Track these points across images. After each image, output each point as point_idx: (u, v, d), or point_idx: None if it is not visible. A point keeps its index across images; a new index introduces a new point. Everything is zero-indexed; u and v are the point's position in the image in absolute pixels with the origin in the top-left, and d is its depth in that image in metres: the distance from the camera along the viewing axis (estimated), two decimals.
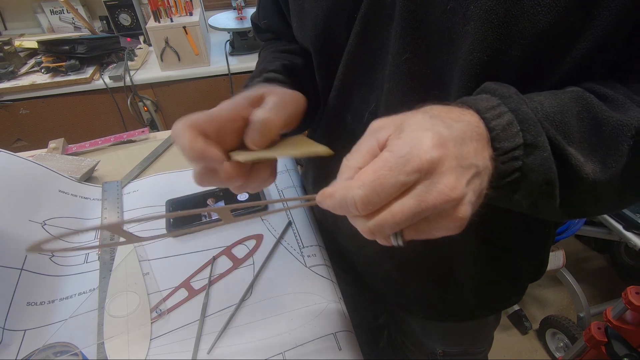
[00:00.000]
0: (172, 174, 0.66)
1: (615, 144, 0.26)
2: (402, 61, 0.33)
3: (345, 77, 0.39)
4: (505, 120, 0.24)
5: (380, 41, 0.34)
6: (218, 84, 1.48)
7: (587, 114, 0.27)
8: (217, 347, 0.42)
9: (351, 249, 0.54)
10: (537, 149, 0.25)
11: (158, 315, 0.45)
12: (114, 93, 1.41)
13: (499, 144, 0.24)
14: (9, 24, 1.70)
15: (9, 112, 1.40)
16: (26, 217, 0.52)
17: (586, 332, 0.99)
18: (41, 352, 0.40)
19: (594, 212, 0.33)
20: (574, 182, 0.26)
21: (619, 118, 0.26)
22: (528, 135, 0.24)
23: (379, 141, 0.24)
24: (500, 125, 0.24)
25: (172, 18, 1.38)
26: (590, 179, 0.26)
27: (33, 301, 0.46)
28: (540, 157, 0.25)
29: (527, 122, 0.24)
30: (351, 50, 0.36)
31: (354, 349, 0.42)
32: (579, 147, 0.26)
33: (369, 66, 0.36)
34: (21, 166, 0.56)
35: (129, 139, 0.75)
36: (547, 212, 0.28)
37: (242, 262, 0.51)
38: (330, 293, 0.47)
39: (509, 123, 0.24)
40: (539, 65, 0.28)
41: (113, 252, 0.52)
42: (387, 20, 0.32)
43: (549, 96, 0.27)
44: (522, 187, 0.26)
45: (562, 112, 0.26)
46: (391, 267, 0.49)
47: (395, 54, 0.33)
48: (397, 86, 0.34)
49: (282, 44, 0.51)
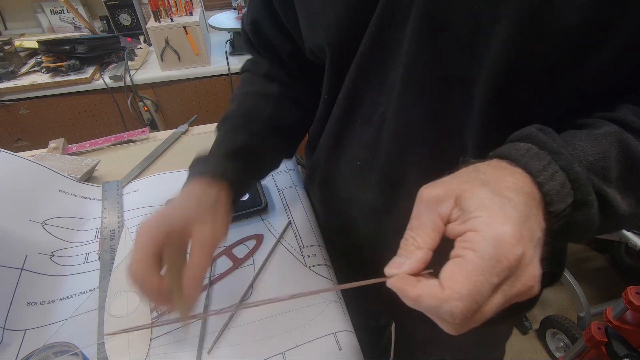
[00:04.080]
0: (172, 173, 0.66)
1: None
2: (417, 62, 0.32)
3: (356, 79, 0.38)
4: (558, 182, 0.24)
5: (394, 42, 0.33)
6: (218, 83, 1.48)
7: (626, 155, 0.27)
8: (218, 347, 0.42)
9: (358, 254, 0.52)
10: (586, 206, 0.25)
11: (158, 315, 0.45)
12: (114, 93, 1.41)
13: (553, 207, 0.24)
14: (9, 24, 1.70)
15: (9, 112, 1.40)
16: (26, 216, 0.52)
17: (586, 332, 0.99)
18: (41, 352, 0.40)
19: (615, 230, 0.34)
20: (610, 217, 0.27)
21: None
22: (578, 194, 0.25)
23: (442, 216, 0.24)
24: (554, 188, 0.24)
25: (172, 18, 1.38)
26: (626, 215, 0.27)
27: (33, 301, 0.46)
28: (588, 213, 0.25)
29: (578, 182, 0.25)
30: (364, 51, 0.35)
31: (354, 349, 0.42)
32: (616, 187, 0.27)
33: (381, 67, 0.36)
34: (21, 166, 0.56)
35: (129, 138, 0.75)
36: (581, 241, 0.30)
37: (242, 262, 0.51)
38: (331, 293, 0.47)
39: (562, 185, 0.25)
40: (566, 65, 0.28)
41: (113, 252, 0.52)
42: (402, 20, 0.32)
43: (591, 141, 0.27)
44: (564, 236, 0.26)
45: (604, 159, 0.26)
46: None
47: (410, 55, 0.32)
48: (410, 88, 0.34)
49: (258, 82, 0.51)
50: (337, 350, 0.41)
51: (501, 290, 0.22)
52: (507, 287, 0.22)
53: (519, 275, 0.22)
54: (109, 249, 0.53)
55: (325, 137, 0.46)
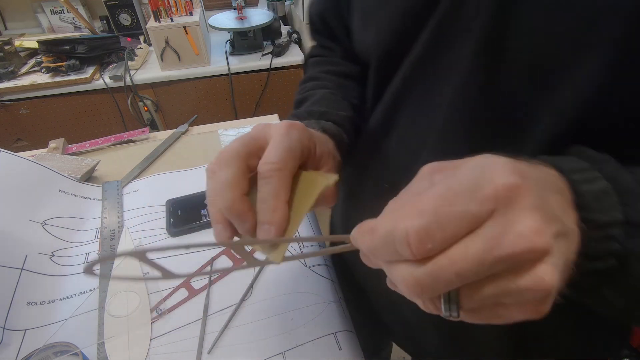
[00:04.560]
0: (172, 173, 0.66)
1: None
2: (471, 85, 0.27)
3: (399, 91, 0.33)
4: (598, 187, 0.19)
5: (451, 57, 0.28)
6: (218, 83, 1.48)
7: None
8: (217, 347, 0.42)
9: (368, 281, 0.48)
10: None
11: (158, 315, 0.45)
12: (114, 93, 1.41)
13: (590, 214, 0.18)
14: (9, 24, 1.70)
15: (9, 112, 1.40)
16: (26, 216, 0.52)
17: None
18: (41, 351, 0.40)
19: None
20: None
21: None
22: (632, 212, 0.18)
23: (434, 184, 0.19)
24: (592, 192, 0.19)
25: (172, 18, 1.38)
26: None
27: (33, 301, 0.46)
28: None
29: (629, 194, 0.19)
30: (413, 61, 0.30)
31: (354, 349, 0.42)
32: None
33: (429, 83, 0.31)
34: (21, 166, 0.56)
35: (129, 138, 0.75)
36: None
37: (243, 262, 0.51)
38: (330, 293, 0.47)
39: (604, 192, 0.19)
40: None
41: (113, 252, 0.52)
42: (463, 33, 0.26)
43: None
44: (616, 279, 0.19)
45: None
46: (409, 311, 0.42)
47: (465, 75, 0.27)
48: (459, 114, 0.29)
49: (337, 62, 0.45)
50: (337, 350, 0.41)
51: (483, 234, 0.16)
52: (491, 230, 0.16)
53: (512, 220, 0.16)
54: (109, 249, 0.53)
55: (355, 152, 0.40)
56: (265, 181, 0.25)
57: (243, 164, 0.26)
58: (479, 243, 0.16)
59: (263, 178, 0.25)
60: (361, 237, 0.19)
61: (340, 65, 0.44)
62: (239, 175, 0.25)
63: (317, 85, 0.41)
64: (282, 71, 1.51)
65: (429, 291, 0.17)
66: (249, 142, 0.26)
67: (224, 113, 1.54)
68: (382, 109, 0.36)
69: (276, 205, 0.24)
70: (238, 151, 0.26)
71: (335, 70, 0.44)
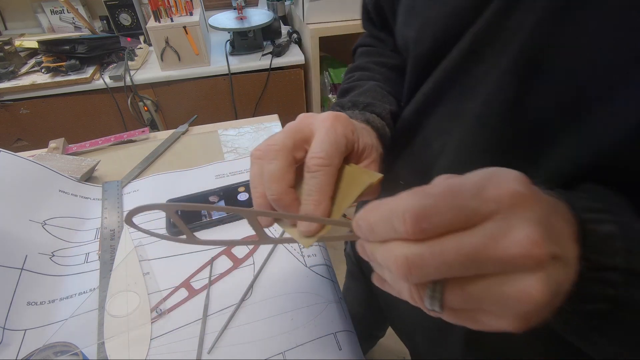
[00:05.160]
0: (172, 173, 0.66)
1: None
2: (501, 98, 0.26)
3: (432, 96, 0.33)
4: (606, 229, 0.18)
5: (485, 69, 0.28)
6: (218, 83, 1.48)
7: None
8: (217, 347, 0.42)
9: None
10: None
11: (158, 315, 0.45)
12: (114, 93, 1.41)
13: (593, 255, 0.18)
14: (9, 24, 1.70)
15: (10, 112, 1.40)
16: (26, 216, 0.52)
17: None
18: (41, 351, 0.40)
19: None
20: None
21: None
22: (633, 259, 0.18)
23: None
24: (600, 234, 0.18)
25: (172, 18, 1.38)
26: None
27: (33, 301, 0.46)
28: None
29: (634, 241, 0.18)
30: (448, 66, 0.30)
31: (354, 349, 0.42)
32: None
33: (459, 91, 0.30)
34: (21, 166, 0.56)
35: (129, 138, 0.75)
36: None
37: (242, 262, 0.51)
38: (331, 293, 0.47)
39: (611, 235, 0.18)
40: None
41: (113, 252, 0.52)
42: (503, 44, 0.26)
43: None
44: (607, 326, 0.19)
45: None
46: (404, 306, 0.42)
47: (496, 86, 0.27)
48: (483, 124, 0.28)
49: (388, 54, 0.45)
50: (337, 350, 0.41)
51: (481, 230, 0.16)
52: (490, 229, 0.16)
53: (512, 225, 0.16)
54: (109, 249, 0.53)
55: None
56: (311, 175, 0.25)
57: (290, 156, 0.26)
58: (474, 238, 0.16)
59: (310, 172, 0.25)
60: (365, 213, 0.20)
61: (390, 57, 0.44)
62: (286, 167, 0.26)
63: (364, 76, 0.41)
64: (282, 71, 1.51)
65: (417, 273, 0.17)
66: (295, 134, 0.27)
67: (224, 113, 1.54)
68: (413, 108, 0.36)
69: (320, 200, 0.25)
70: (285, 143, 0.26)
71: (385, 62, 0.43)
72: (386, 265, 0.19)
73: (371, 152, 0.30)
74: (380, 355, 1.26)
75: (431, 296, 0.18)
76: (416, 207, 0.17)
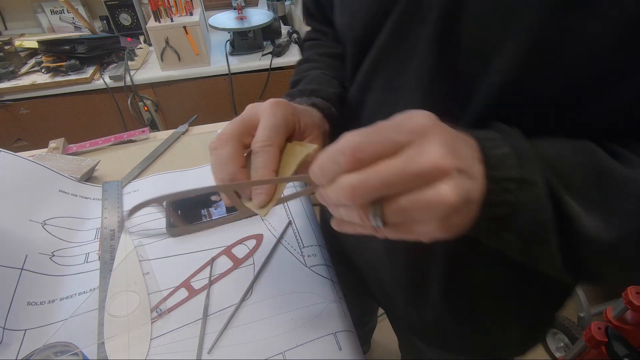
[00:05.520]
0: (172, 173, 0.66)
1: (620, 202, 0.24)
2: (425, 69, 0.31)
3: (369, 74, 0.37)
4: (501, 151, 0.24)
5: (410, 44, 0.32)
6: (218, 83, 1.48)
7: (591, 165, 0.25)
8: (217, 347, 0.42)
9: (354, 251, 0.54)
10: (532, 185, 0.23)
11: (158, 315, 0.45)
12: (114, 93, 1.41)
13: (493, 171, 0.23)
14: (9, 24, 1.70)
15: (10, 112, 1.40)
16: (26, 216, 0.52)
17: (586, 332, 0.99)
18: (41, 351, 0.40)
19: (609, 279, 0.28)
20: (573, 235, 0.24)
21: (625, 173, 0.24)
22: (524, 171, 0.23)
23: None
24: (497, 155, 0.24)
25: (172, 18, 1.38)
26: (590, 235, 0.24)
27: (33, 301, 0.46)
28: (534, 194, 0.23)
29: (524, 158, 0.24)
30: (379, 47, 0.35)
31: (354, 349, 0.42)
32: (578, 199, 0.24)
33: (393, 68, 0.35)
34: (21, 166, 0.56)
35: (129, 138, 0.75)
36: (546, 263, 0.26)
37: (242, 262, 0.51)
38: (331, 293, 0.47)
39: (506, 155, 0.24)
40: (570, 99, 0.26)
41: (113, 252, 0.52)
42: (421, 23, 0.30)
43: (551, 142, 0.26)
44: (512, 225, 0.24)
45: (562, 160, 0.25)
46: (384, 273, 0.48)
47: (422, 59, 0.31)
48: (417, 94, 0.33)
49: (329, 44, 0.49)
50: (337, 350, 0.41)
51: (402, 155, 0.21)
52: (408, 153, 0.21)
53: (424, 147, 0.21)
54: (109, 249, 0.53)
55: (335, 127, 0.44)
56: (256, 155, 0.30)
57: (238, 142, 0.31)
58: (398, 161, 0.21)
59: (255, 153, 0.30)
60: (316, 160, 0.24)
61: (333, 47, 0.49)
62: (236, 152, 0.31)
63: (311, 67, 0.46)
64: (282, 71, 1.51)
65: (361, 194, 0.22)
66: (242, 124, 0.31)
67: (224, 113, 1.54)
68: (356, 89, 0.40)
69: (265, 173, 0.30)
70: (233, 132, 0.31)
71: (328, 52, 0.48)
72: (337, 197, 0.23)
73: (313, 129, 0.35)
74: (380, 356, 1.26)
75: (374, 215, 0.23)
76: (352, 142, 0.22)
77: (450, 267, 0.39)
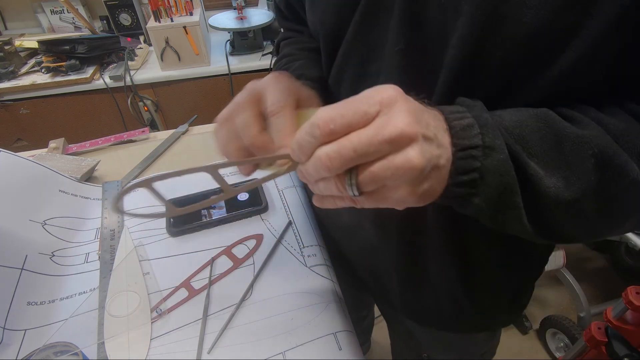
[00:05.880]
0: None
1: (577, 161, 0.26)
2: (396, 53, 0.33)
3: (341, 65, 0.39)
4: (465, 122, 0.26)
5: (378, 33, 0.34)
6: (218, 83, 1.48)
7: (548, 129, 0.27)
8: (218, 347, 0.42)
9: (344, 245, 0.54)
10: (495, 151, 0.25)
11: (158, 315, 0.45)
12: (114, 93, 1.41)
13: (458, 140, 0.25)
14: (9, 24, 1.70)
15: (10, 112, 1.40)
16: (26, 216, 0.52)
17: (586, 332, 0.99)
18: (41, 351, 0.40)
19: (577, 236, 0.31)
20: (536, 196, 0.26)
21: (579, 134, 0.26)
22: (486, 138, 0.25)
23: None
24: (461, 125, 0.26)
25: (172, 18, 1.38)
26: (552, 194, 0.26)
27: (33, 301, 0.46)
28: (497, 159, 0.25)
29: (486, 127, 0.26)
30: (349, 39, 0.36)
31: (354, 349, 0.42)
32: (539, 162, 0.26)
33: (364, 57, 0.37)
34: (22, 166, 0.56)
35: (129, 138, 0.75)
36: (516, 227, 0.28)
37: (242, 262, 0.51)
38: (330, 293, 0.47)
39: (469, 125, 0.26)
40: (521, 71, 0.28)
41: (113, 252, 0.52)
42: (386, 12, 0.33)
43: (511, 111, 0.28)
44: (480, 190, 0.26)
45: (520, 127, 0.27)
46: (376, 260, 0.50)
47: (391, 46, 0.33)
48: (389, 79, 0.34)
49: (307, 40, 0.51)
50: (337, 350, 0.41)
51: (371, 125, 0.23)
52: (377, 122, 0.23)
53: (391, 117, 0.22)
54: (109, 249, 0.53)
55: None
56: (274, 117, 0.30)
57: (256, 107, 0.31)
58: (368, 130, 0.22)
59: (273, 116, 0.30)
60: (295, 137, 0.25)
61: (309, 42, 0.50)
62: (256, 115, 0.30)
63: (292, 59, 0.47)
64: None
65: (336, 163, 0.23)
66: (250, 94, 0.31)
67: None
68: (332, 81, 0.42)
69: (288, 132, 0.29)
70: (248, 99, 0.31)
71: (306, 46, 0.49)
72: (315, 170, 0.24)
73: (313, 101, 0.35)
74: (380, 356, 1.27)
75: (349, 183, 0.24)
76: (325, 116, 0.23)
77: (443, 239, 0.40)
